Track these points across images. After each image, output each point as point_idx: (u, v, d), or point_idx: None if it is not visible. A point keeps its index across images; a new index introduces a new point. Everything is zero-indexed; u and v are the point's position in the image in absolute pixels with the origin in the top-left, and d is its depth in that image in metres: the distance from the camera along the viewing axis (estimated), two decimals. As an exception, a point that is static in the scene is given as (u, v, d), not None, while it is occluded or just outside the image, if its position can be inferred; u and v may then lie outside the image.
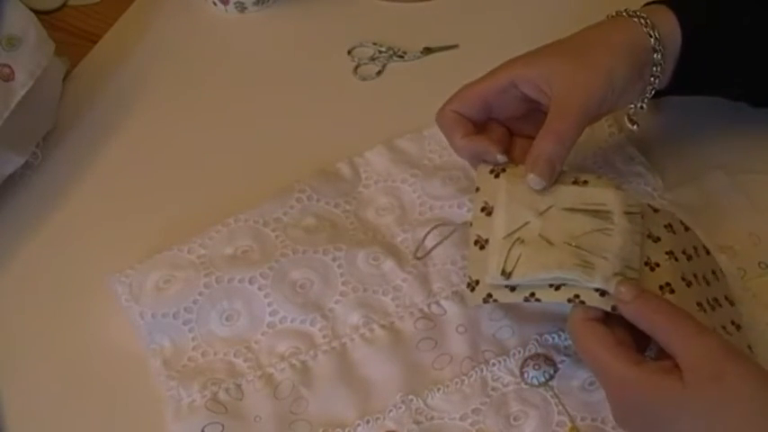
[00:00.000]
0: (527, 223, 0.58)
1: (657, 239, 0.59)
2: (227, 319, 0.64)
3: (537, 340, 0.63)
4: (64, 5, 0.86)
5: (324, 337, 0.64)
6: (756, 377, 0.51)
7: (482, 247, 0.59)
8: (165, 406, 0.61)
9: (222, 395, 0.62)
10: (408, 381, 0.62)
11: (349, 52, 0.81)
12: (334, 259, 0.66)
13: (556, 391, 0.61)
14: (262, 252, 0.67)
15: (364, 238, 0.68)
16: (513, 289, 0.57)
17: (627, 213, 0.58)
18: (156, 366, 0.63)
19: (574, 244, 0.57)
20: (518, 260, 0.57)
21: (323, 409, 0.61)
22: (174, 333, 0.64)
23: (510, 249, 0.57)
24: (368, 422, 0.60)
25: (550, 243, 0.57)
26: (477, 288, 0.59)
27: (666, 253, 0.59)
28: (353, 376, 0.62)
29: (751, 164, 0.71)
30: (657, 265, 0.58)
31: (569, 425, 0.59)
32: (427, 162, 0.73)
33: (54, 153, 0.75)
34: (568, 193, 0.60)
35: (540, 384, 0.61)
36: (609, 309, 0.55)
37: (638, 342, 0.56)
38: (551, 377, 0.61)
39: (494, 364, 0.62)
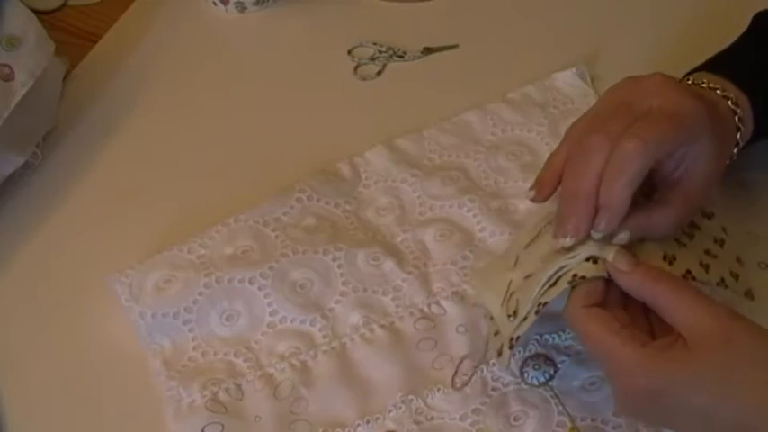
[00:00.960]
0: (510, 282, 0.60)
1: None
2: (227, 319, 0.64)
3: (537, 340, 0.63)
4: (64, 5, 0.86)
5: (324, 337, 0.64)
6: (765, 336, 0.50)
7: (496, 333, 0.60)
8: (165, 406, 0.61)
9: (222, 395, 0.62)
10: (408, 381, 0.62)
11: (349, 52, 0.81)
12: (334, 259, 0.66)
13: (556, 391, 0.61)
14: (262, 252, 0.67)
15: (364, 238, 0.68)
16: (524, 319, 0.57)
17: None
18: (156, 366, 0.63)
19: (549, 258, 0.58)
20: (517, 302, 0.58)
21: (323, 409, 0.61)
22: (174, 333, 0.64)
23: (508, 303, 0.59)
24: (368, 422, 0.60)
25: (531, 275, 0.58)
26: (502, 350, 0.58)
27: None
28: (353, 376, 0.62)
29: (751, 164, 0.71)
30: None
31: (569, 425, 0.59)
32: (427, 162, 0.73)
33: (54, 153, 0.75)
34: (523, 235, 0.62)
35: (540, 384, 0.61)
36: (605, 275, 0.55)
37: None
38: (551, 377, 0.61)
39: (494, 364, 0.62)
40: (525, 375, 0.62)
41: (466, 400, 0.61)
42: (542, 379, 0.61)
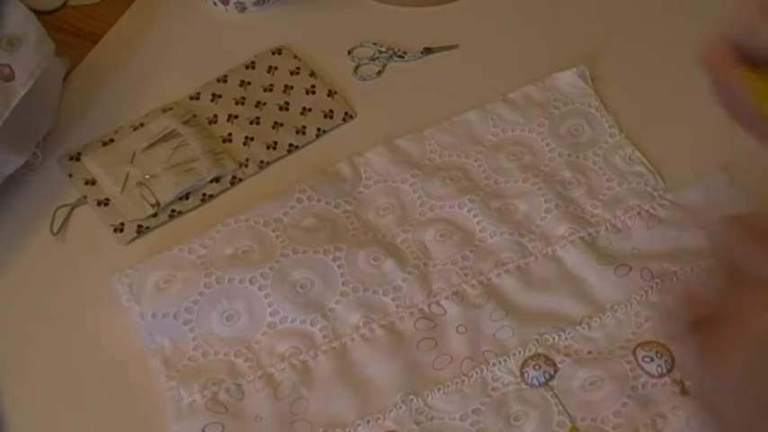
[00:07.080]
0: (128, 173, 0.71)
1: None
2: (227, 319, 0.64)
3: (537, 340, 0.63)
4: (64, 5, 0.86)
5: (324, 337, 0.64)
6: None
7: (106, 205, 0.70)
8: (165, 406, 0.61)
9: (222, 395, 0.62)
10: (408, 381, 0.62)
11: (349, 52, 0.81)
12: (334, 259, 0.66)
13: (556, 391, 0.61)
14: (262, 252, 0.67)
15: (365, 238, 0.68)
16: (155, 215, 0.69)
17: (185, 123, 0.73)
18: (157, 366, 0.63)
19: (171, 165, 0.71)
20: (153, 193, 0.69)
21: (323, 409, 0.61)
22: (175, 333, 0.64)
23: (140, 192, 0.70)
24: (368, 422, 0.60)
25: (157, 175, 0.70)
26: (125, 229, 0.69)
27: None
28: (354, 376, 0.62)
29: (751, 164, 0.71)
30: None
31: (569, 425, 0.60)
32: (428, 162, 0.73)
33: (54, 153, 0.75)
34: (138, 138, 0.73)
35: (540, 384, 0.61)
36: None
37: None
38: (551, 377, 0.61)
39: (494, 364, 0.62)
40: (525, 375, 0.62)
41: (466, 400, 0.61)
42: (542, 379, 0.61)
